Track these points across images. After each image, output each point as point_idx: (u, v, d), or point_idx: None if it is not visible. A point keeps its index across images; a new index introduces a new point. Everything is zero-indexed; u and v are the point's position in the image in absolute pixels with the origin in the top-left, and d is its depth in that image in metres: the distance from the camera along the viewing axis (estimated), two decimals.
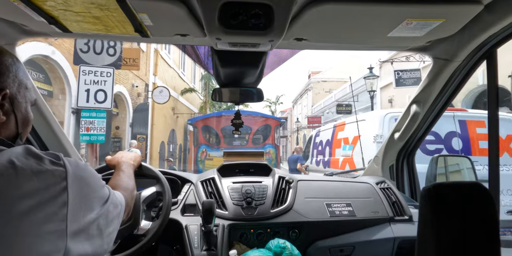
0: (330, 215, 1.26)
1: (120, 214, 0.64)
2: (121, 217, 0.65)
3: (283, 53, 1.31)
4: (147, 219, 1.04)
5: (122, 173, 0.91)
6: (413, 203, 1.42)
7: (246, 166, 1.53)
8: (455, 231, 0.64)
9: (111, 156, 1.02)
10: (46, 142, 1.27)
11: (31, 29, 0.96)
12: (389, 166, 1.57)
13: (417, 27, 0.84)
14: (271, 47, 0.96)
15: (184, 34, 0.93)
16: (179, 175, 1.39)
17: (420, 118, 1.33)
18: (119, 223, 0.64)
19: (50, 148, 1.29)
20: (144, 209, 1.03)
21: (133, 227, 0.97)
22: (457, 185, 0.70)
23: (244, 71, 1.21)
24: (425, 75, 1.23)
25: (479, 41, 0.95)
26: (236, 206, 1.24)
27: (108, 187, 0.63)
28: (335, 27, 0.88)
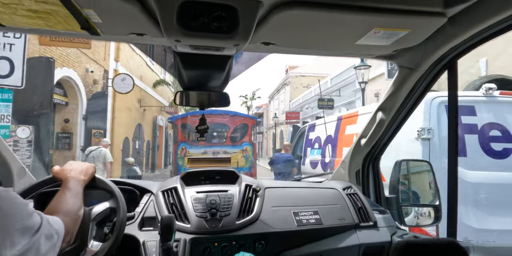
0: (297, 224, 1.23)
1: (56, 245, 0.62)
2: (58, 247, 0.63)
3: (250, 56, 1.25)
4: (97, 239, 0.93)
5: (67, 192, 0.84)
6: (378, 208, 1.44)
7: (211, 173, 1.43)
8: None
9: (59, 168, 0.94)
10: None
11: None
12: (356, 171, 1.59)
13: (384, 36, 0.86)
14: (236, 51, 0.94)
15: (140, 33, 0.86)
16: (137, 185, 1.28)
17: (386, 124, 1.36)
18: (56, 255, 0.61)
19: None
20: (94, 227, 0.93)
21: (79, 250, 0.87)
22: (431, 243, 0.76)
23: (209, 74, 1.13)
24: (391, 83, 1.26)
25: (442, 52, 0.99)
26: (200, 219, 1.15)
27: (40, 214, 0.60)
28: (303, 32, 0.88)
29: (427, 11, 0.76)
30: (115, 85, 9.33)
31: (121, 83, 9.40)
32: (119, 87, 9.37)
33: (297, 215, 1.26)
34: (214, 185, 1.34)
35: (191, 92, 1.22)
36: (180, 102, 1.20)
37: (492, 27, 0.84)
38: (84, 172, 0.94)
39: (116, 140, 10.23)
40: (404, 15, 0.75)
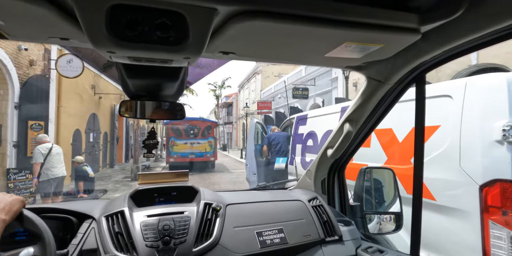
0: (260, 246, 1.14)
1: None
2: None
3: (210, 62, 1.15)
4: None
5: None
6: (343, 218, 1.41)
7: (166, 190, 1.28)
8: None
9: None
10: None
11: None
12: (321, 180, 1.56)
13: (355, 50, 0.83)
14: (188, 64, 0.80)
15: (63, 38, 0.73)
16: (75, 211, 1.09)
17: (353, 136, 1.33)
18: None
19: None
20: None
21: None
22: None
23: (160, 84, 0.99)
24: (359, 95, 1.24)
25: (412, 67, 0.98)
26: (150, 249, 0.99)
27: None
28: (266, 44, 0.79)
29: (402, 27, 0.74)
30: (60, 68, 7.82)
31: (67, 66, 7.90)
32: (64, 70, 7.87)
33: (261, 235, 1.19)
34: (168, 205, 1.21)
35: (138, 102, 1.06)
36: (126, 114, 1.03)
37: (464, 45, 0.83)
38: (7, 209, 0.76)
39: (64, 132, 8.75)
40: (378, 30, 0.72)
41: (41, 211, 1.00)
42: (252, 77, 25.68)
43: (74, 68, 7.98)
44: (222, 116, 38.12)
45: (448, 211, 1.78)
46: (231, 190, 1.53)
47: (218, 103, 36.10)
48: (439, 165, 1.82)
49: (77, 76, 8.06)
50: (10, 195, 0.82)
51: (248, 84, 27.40)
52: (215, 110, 38.90)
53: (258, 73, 23.54)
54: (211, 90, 34.58)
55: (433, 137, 1.89)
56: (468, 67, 5.96)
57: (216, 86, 34.04)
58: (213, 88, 34.30)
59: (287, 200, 1.42)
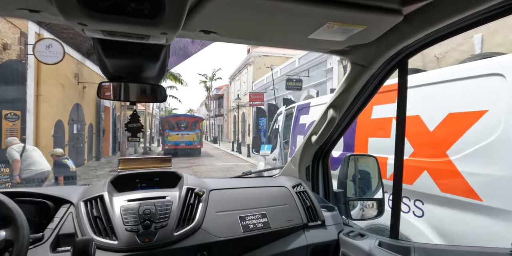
0: (243, 230, 1.14)
1: None
2: None
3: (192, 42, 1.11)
4: None
5: None
6: (326, 204, 1.41)
7: (148, 175, 1.25)
8: None
9: None
10: None
11: None
12: (306, 167, 1.56)
13: (338, 31, 0.82)
14: (167, 41, 0.77)
15: (33, 10, 0.67)
16: (51, 195, 1.05)
17: (336, 122, 1.32)
18: None
19: None
20: None
21: None
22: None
23: (140, 64, 0.95)
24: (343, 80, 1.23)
25: (394, 51, 0.98)
26: (130, 233, 0.97)
27: None
28: (248, 23, 0.77)
29: (383, 7, 0.74)
30: (38, 53, 7.23)
31: (47, 51, 7.32)
32: (43, 55, 7.29)
33: (244, 220, 1.18)
34: (150, 190, 1.17)
35: (118, 83, 1.01)
36: (103, 95, 0.99)
37: (446, 28, 0.83)
38: None
39: (45, 123, 8.20)
40: (360, 10, 0.72)
41: (16, 195, 0.97)
42: (244, 69, 25.14)
43: (54, 53, 7.40)
44: (213, 108, 37.51)
45: (498, 213, 1.51)
46: (216, 178, 1.51)
47: (209, 95, 35.42)
48: (485, 158, 1.54)
49: (58, 63, 7.49)
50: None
51: (240, 75, 26.86)
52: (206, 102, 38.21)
53: (250, 64, 23.03)
54: (201, 81, 33.84)
55: (478, 125, 1.60)
56: (471, 57, 5.74)
57: (206, 78, 33.31)
58: (204, 80, 33.58)
59: (271, 186, 1.40)
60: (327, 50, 1.04)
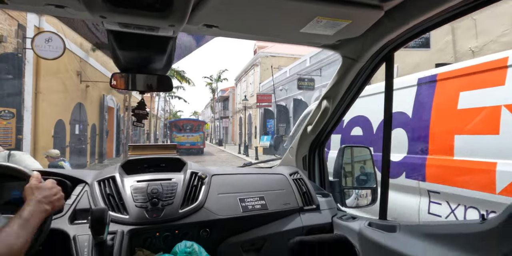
0: (242, 210, 1.24)
1: None
2: None
3: (197, 37, 1.21)
4: None
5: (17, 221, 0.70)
6: (321, 192, 1.48)
7: (156, 161, 1.37)
8: None
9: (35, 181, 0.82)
10: None
11: None
12: (303, 157, 1.61)
13: (327, 25, 0.89)
14: (174, 33, 0.89)
15: (59, 5, 0.76)
16: (68, 175, 1.19)
17: (330, 112, 1.38)
18: None
19: None
20: None
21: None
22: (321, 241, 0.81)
23: (149, 56, 1.06)
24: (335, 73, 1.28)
25: (380, 45, 1.04)
26: (139, 209, 1.10)
27: None
28: (247, 17, 0.86)
29: (365, 3, 0.80)
30: (37, 48, 6.76)
31: (46, 45, 6.84)
32: (42, 50, 6.81)
33: (243, 201, 1.27)
34: (157, 173, 1.28)
35: (128, 74, 1.11)
36: (115, 85, 1.08)
37: (427, 22, 0.88)
38: (51, 198, 0.80)
39: (44, 123, 7.71)
40: (344, 6, 0.79)
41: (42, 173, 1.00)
42: (250, 69, 24.64)
43: (53, 48, 6.92)
44: (218, 110, 37.04)
45: None
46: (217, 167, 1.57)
47: (214, 97, 34.97)
48: None
49: (57, 58, 7.01)
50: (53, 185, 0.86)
51: (246, 76, 26.36)
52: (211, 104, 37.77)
53: (257, 65, 22.52)
54: (207, 83, 33.44)
55: None
56: None
57: (212, 79, 32.89)
58: (209, 81, 33.17)
59: (270, 173, 1.51)
60: (319, 44, 1.10)
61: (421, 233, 0.95)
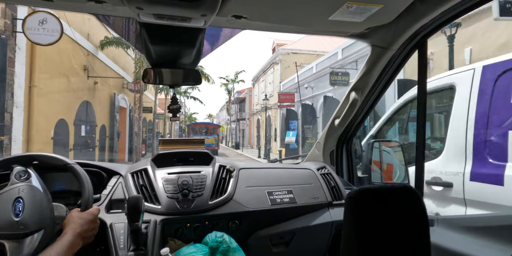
0: (271, 203, 1.25)
1: None
2: None
3: (224, 31, 1.21)
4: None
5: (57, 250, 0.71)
6: (350, 187, 1.45)
7: (185, 154, 1.42)
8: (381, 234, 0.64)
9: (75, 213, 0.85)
10: None
11: None
12: (330, 152, 1.59)
13: (357, 11, 0.86)
14: (205, 23, 0.90)
15: (98, 0, 0.80)
16: (105, 167, 1.24)
17: (359, 105, 1.35)
18: None
19: None
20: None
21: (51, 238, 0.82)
22: (382, 189, 0.71)
23: (179, 50, 1.08)
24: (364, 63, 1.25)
25: (412, 31, 1.01)
26: (171, 200, 1.14)
27: None
28: (275, 7, 0.86)
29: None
30: (29, 31, 5.59)
31: (40, 28, 5.67)
32: (35, 33, 5.64)
33: (271, 194, 1.27)
34: (187, 166, 1.32)
35: (160, 69, 1.15)
36: (148, 80, 1.14)
37: (460, 5, 0.85)
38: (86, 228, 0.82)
39: (41, 122, 6.54)
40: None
41: (79, 164, 1.06)
42: (269, 68, 23.26)
43: (49, 31, 5.74)
44: (234, 112, 35.84)
45: None
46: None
47: (230, 98, 33.80)
48: None
49: (53, 43, 5.82)
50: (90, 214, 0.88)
51: (265, 76, 25.00)
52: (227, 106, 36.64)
53: (277, 63, 21.11)
54: (223, 84, 32.30)
55: None
56: None
57: (228, 80, 31.72)
58: (225, 82, 32.02)
59: (297, 168, 1.48)
60: (347, 33, 1.08)
61: (461, 226, 0.96)
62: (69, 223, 0.80)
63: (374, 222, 0.64)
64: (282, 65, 20.50)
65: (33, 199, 0.82)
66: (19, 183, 0.84)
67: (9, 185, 0.84)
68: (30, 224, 0.77)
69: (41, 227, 0.78)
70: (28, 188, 0.83)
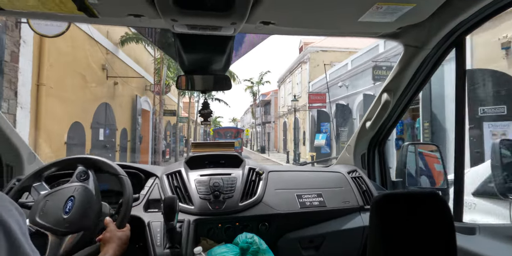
0: (300, 206, 1.25)
1: None
2: None
3: (252, 37, 1.22)
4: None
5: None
6: (383, 192, 1.37)
7: (215, 157, 1.48)
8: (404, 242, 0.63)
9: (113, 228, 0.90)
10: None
11: None
12: (361, 155, 1.57)
13: (387, 11, 0.83)
14: (234, 31, 0.93)
15: (137, 14, 0.86)
16: (142, 169, 1.32)
17: (391, 107, 1.32)
18: None
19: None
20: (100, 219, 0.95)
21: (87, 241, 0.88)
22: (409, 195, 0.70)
23: (210, 57, 1.15)
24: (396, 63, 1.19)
25: (449, 28, 0.95)
26: (203, 200, 1.20)
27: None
28: (303, 11, 0.85)
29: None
30: (34, 21, 4.88)
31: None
32: (40, 23, 4.93)
33: (301, 197, 1.27)
34: (217, 168, 1.36)
35: (192, 76, 1.21)
36: (181, 86, 1.19)
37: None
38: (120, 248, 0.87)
39: (53, 125, 5.86)
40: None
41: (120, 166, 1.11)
42: (297, 68, 22.07)
43: (55, 22, 4.98)
44: (259, 115, 34.87)
45: None
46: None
47: (254, 101, 32.89)
48: None
49: (60, 35, 5.08)
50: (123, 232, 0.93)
51: (292, 76, 23.82)
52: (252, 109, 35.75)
53: (305, 62, 19.88)
54: (248, 87, 31.46)
55: None
56: None
57: (253, 82, 30.84)
58: (250, 85, 31.16)
59: (326, 171, 1.48)
60: (378, 34, 1.04)
61: (504, 235, 0.92)
62: (111, 241, 0.86)
63: (399, 228, 0.63)
64: (311, 64, 19.24)
65: (84, 200, 0.89)
66: (77, 183, 0.93)
67: (69, 182, 0.94)
68: (74, 224, 0.84)
69: (82, 229, 0.86)
70: (82, 189, 0.91)
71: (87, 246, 0.86)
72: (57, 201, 0.85)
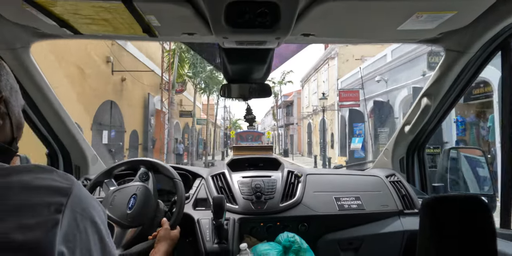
0: (338, 208, 1.29)
1: None
2: None
3: (291, 47, 1.28)
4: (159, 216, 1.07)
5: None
6: (424, 196, 1.41)
7: (255, 160, 1.57)
8: (454, 244, 0.65)
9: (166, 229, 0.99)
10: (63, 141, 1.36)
11: (43, 32, 0.99)
12: (399, 159, 1.57)
13: (428, 19, 0.83)
14: (278, 44, 0.99)
15: (191, 33, 0.94)
16: (190, 170, 1.44)
17: (431, 111, 1.32)
18: None
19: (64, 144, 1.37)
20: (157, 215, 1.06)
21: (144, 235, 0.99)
22: (456, 199, 0.72)
23: (252, 67, 1.22)
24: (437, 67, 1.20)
25: (494, 32, 0.93)
26: (246, 201, 1.27)
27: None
28: (343, 23, 0.89)
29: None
30: None
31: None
32: None
33: (339, 200, 1.31)
34: (258, 171, 1.45)
35: (235, 85, 1.30)
36: (225, 94, 1.30)
37: None
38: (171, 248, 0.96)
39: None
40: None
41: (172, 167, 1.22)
42: (323, 65, 20.39)
43: None
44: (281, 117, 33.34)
45: None
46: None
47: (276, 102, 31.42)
48: None
49: None
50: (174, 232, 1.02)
51: (317, 74, 22.16)
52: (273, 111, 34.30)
53: (333, 57, 18.19)
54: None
55: None
56: None
57: (274, 83, 29.41)
58: (272, 85, 29.74)
59: (364, 174, 1.51)
60: (417, 40, 1.04)
61: None
62: (164, 239, 0.95)
63: (449, 231, 0.65)
64: (339, 59, 17.53)
65: (144, 199, 1.02)
66: (139, 182, 1.06)
67: (133, 181, 1.07)
68: (135, 219, 0.97)
69: (141, 224, 0.98)
70: (143, 188, 1.04)
71: (143, 240, 0.96)
72: (123, 197, 1.00)
